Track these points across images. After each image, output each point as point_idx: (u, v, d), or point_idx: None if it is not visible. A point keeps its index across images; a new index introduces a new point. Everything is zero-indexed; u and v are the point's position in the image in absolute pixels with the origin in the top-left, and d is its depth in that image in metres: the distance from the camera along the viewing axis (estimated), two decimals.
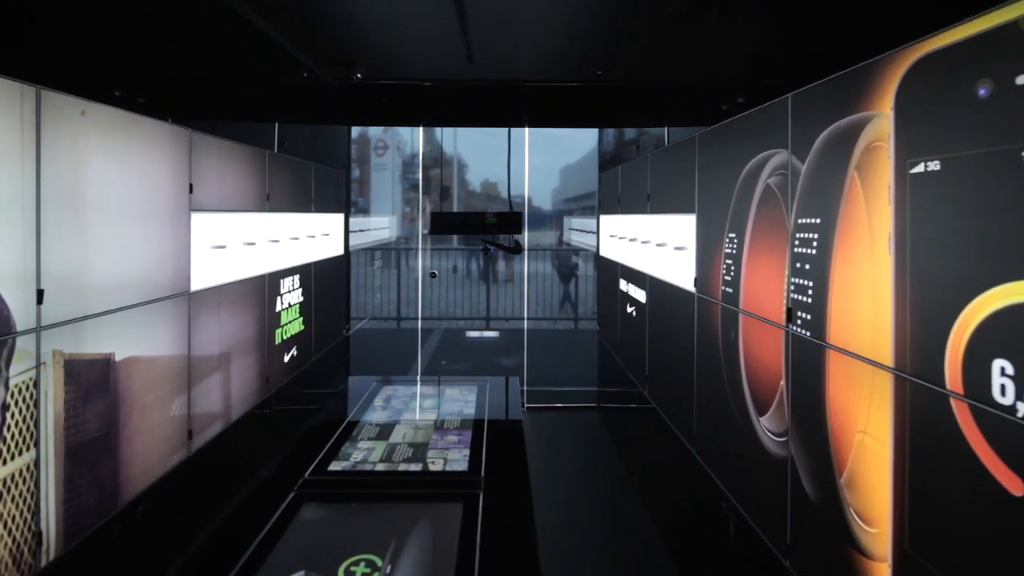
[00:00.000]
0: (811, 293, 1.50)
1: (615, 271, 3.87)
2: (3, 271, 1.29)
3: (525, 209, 4.96)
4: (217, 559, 1.86)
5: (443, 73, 3.54)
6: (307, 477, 2.32)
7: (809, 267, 1.51)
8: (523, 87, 3.78)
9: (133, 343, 1.76)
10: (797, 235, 1.57)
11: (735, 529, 1.93)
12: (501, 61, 3.21)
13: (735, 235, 1.96)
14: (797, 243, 1.57)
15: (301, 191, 3.23)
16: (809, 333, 1.51)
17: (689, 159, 2.43)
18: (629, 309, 3.46)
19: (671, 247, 2.66)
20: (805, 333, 1.53)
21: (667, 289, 2.72)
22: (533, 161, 4.97)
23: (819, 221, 1.46)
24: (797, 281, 1.57)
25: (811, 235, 1.50)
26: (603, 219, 4.40)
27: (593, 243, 4.67)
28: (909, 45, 1.15)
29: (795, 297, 1.58)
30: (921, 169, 1.12)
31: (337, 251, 3.93)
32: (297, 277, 3.14)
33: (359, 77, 3.55)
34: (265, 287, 2.72)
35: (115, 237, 1.66)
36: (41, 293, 1.39)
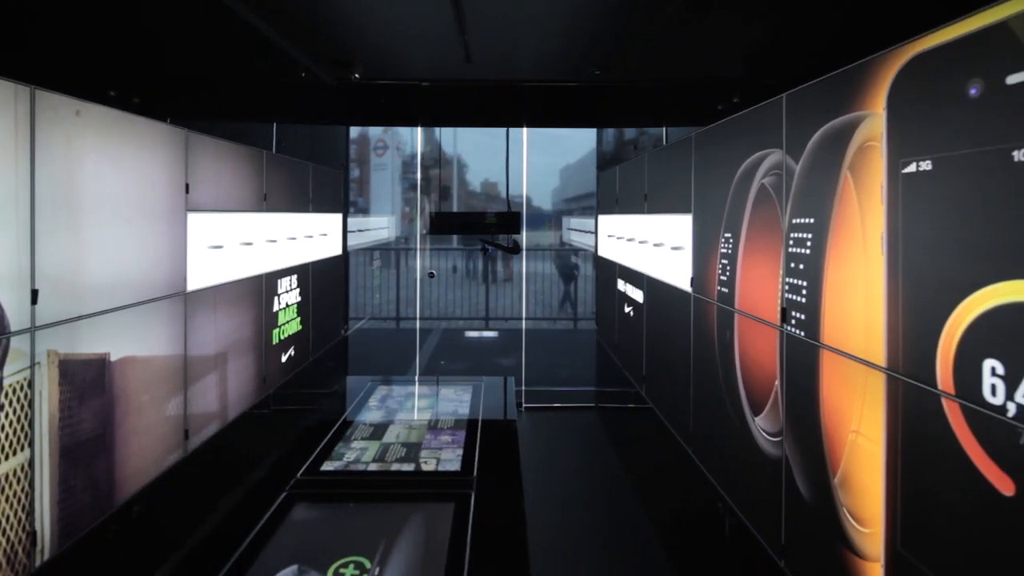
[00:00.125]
0: (805, 293, 1.50)
1: (613, 271, 3.87)
2: None
3: (523, 209, 4.95)
4: (209, 559, 1.86)
5: (441, 73, 3.53)
6: (299, 477, 2.32)
7: (803, 267, 1.51)
8: (521, 87, 3.78)
9: (129, 343, 1.76)
10: (791, 235, 1.57)
11: (731, 529, 1.93)
12: (499, 61, 3.21)
13: (731, 235, 1.96)
14: (791, 243, 1.57)
15: (299, 191, 3.23)
16: (803, 333, 1.51)
17: (685, 159, 2.43)
18: (627, 309, 3.46)
19: (668, 247, 2.66)
20: (799, 333, 1.53)
21: (664, 289, 2.72)
22: (533, 161, 4.97)
23: (813, 221, 1.46)
24: (791, 281, 1.57)
25: (805, 235, 1.50)
26: (601, 219, 4.40)
27: (591, 243, 4.67)
28: (901, 45, 1.15)
29: (789, 297, 1.58)
30: (913, 169, 1.12)
31: (335, 251, 3.93)
32: (295, 277, 3.14)
33: (357, 77, 3.55)
34: (262, 287, 2.72)
35: (110, 237, 1.66)
36: (36, 293, 1.39)
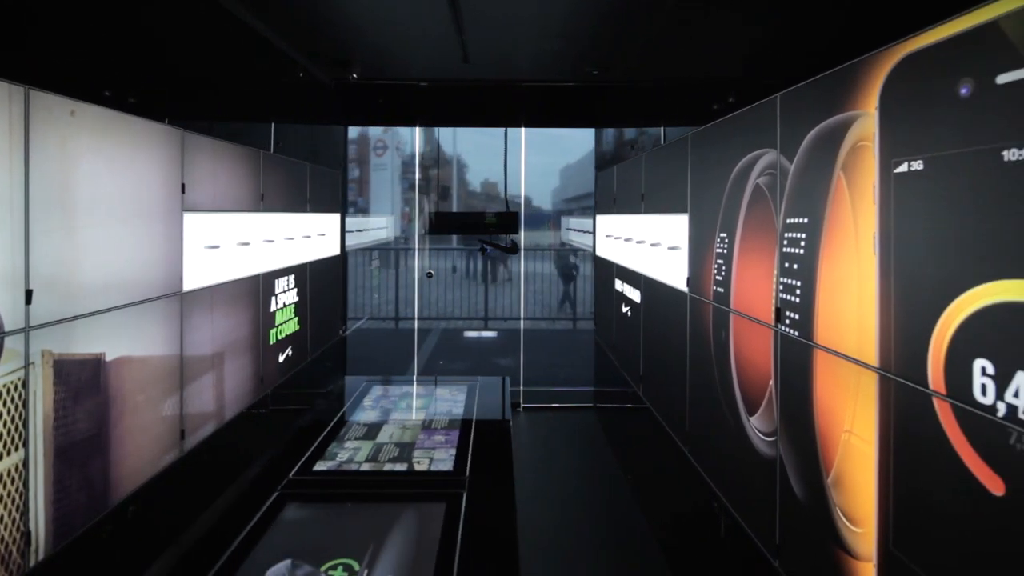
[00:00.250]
0: (799, 293, 1.50)
1: (611, 271, 3.86)
2: None
3: (521, 209, 4.95)
4: (201, 559, 1.86)
5: (439, 73, 3.54)
6: (292, 477, 2.32)
7: (797, 267, 1.51)
8: (519, 87, 3.78)
9: (124, 343, 1.76)
10: (785, 235, 1.57)
11: (726, 529, 1.93)
12: (497, 61, 3.21)
13: (726, 235, 1.96)
14: (785, 243, 1.57)
15: (296, 191, 3.23)
16: (797, 333, 1.51)
17: (682, 159, 2.43)
18: (624, 309, 3.46)
19: (665, 247, 2.66)
20: (793, 333, 1.53)
21: (661, 289, 2.72)
22: (534, 161, 4.97)
23: (806, 221, 1.46)
24: (785, 281, 1.57)
25: (799, 235, 1.50)
26: (599, 219, 4.40)
27: (590, 243, 4.67)
28: (892, 45, 1.15)
29: (783, 297, 1.58)
30: (905, 169, 1.12)
31: (333, 251, 3.93)
32: (292, 277, 3.14)
33: (355, 77, 3.55)
34: (259, 287, 2.72)
35: (105, 237, 1.66)
36: (30, 293, 1.40)
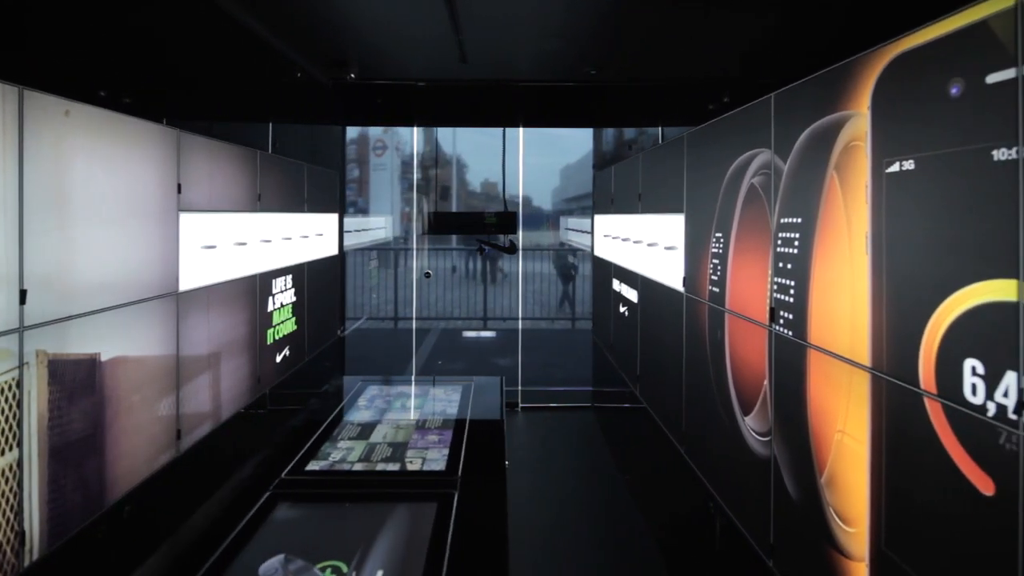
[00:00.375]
0: (793, 293, 1.50)
1: (608, 271, 3.86)
2: None
3: (519, 209, 4.95)
4: (193, 559, 1.86)
5: (437, 73, 3.53)
6: (284, 477, 2.32)
7: (791, 267, 1.51)
8: (517, 87, 3.77)
9: (119, 343, 1.76)
10: (780, 235, 1.57)
11: (722, 529, 1.93)
12: (495, 61, 3.21)
13: (721, 235, 1.96)
14: (780, 242, 1.57)
15: (293, 191, 3.23)
16: (791, 333, 1.51)
17: (678, 159, 2.43)
18: (622, 309, 3.46)
19: (661, 247, 2.66)
20: (787, 333, 1.53)
21: (657, 289, 2.72)
22: (533, 161, 4.98)
23: (800, 221, 1.46)
24: (780, 281, 1.57)
25: (793, 235, 1.50)
26: (597, 219, 4.39)
27: (588, 243, 4.67)
28: (884, 44, 1.15)
29: (778, 297, 1.58)
30: (896, 168, 1.12)
31: (331, 251, 3.94)
32: (289, 277, 3.14)
33: (353, 77, 3.55)
34: (256, 287, 2.72)
35: (100, 237, 1.67)
36: (24, 293, 1.40)
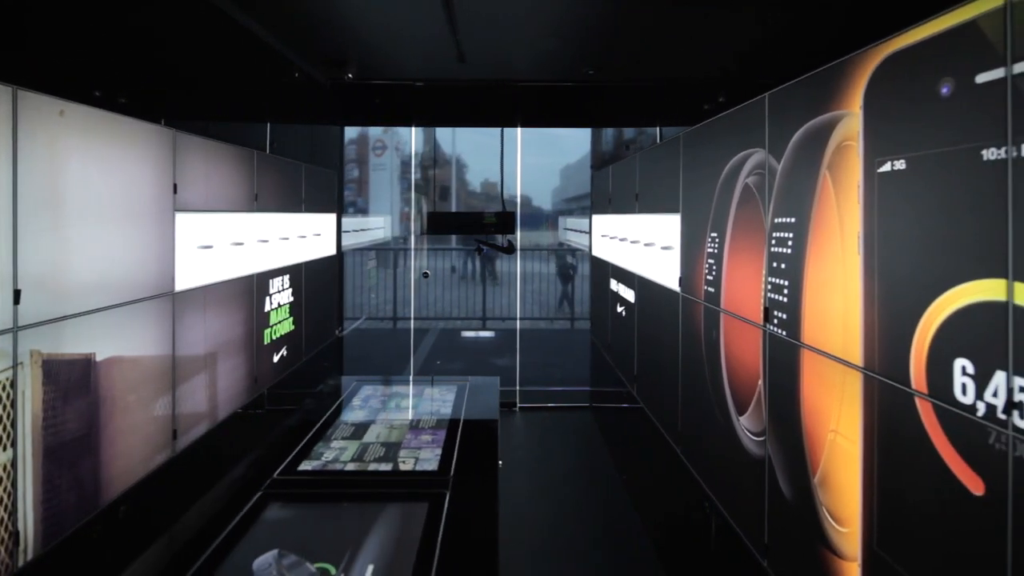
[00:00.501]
0: (787, 292, 1.50)
1: (606, 271, 3.86)
2: None
3: (517, 209, 4.95)
4: (185, 559, 1.86)
5: (435, 73, 3.53)
6: (276, 477, 2.32)
7: (785, 266, 1.51)
8: (515, 87, 3.77)
9: (115, 343, 1.76)
10: (774, 234, 1.57)
11: (717, 529, 1.93)
12: (493, 61, 3.21)
13: (716, 235, 1.96)
14: (774, 242, 1.57)
15: (291, 191, 3.23)
16: (785, 332, 1.51)
17: (674, 159, 2.43)
18: (619, 309, 3.46)
19: (658, 247, 2.66)
20: (781, 332, 1.53)
21: (654, 289, 2.72)
22: (533, 161, 4.98)
23: (794, 220, 1.46)
24: (773, 280, 1.57)
25: (786, 234, 1.50)
26: (595, 219, 4.39)
27: (587, 243, 4.67)
28: (876, 44, 1.15)
29: (772, 296, 1.58)
30: (888, 168, 1.12)
31: (329, 251, 3.94)
32: (287, 277, 3.14)
33: (351, 77, 3.55)
34: (253, 287, 2.73)
35: (96, 237, 1.67)
36: (18, 293, 1.40)
